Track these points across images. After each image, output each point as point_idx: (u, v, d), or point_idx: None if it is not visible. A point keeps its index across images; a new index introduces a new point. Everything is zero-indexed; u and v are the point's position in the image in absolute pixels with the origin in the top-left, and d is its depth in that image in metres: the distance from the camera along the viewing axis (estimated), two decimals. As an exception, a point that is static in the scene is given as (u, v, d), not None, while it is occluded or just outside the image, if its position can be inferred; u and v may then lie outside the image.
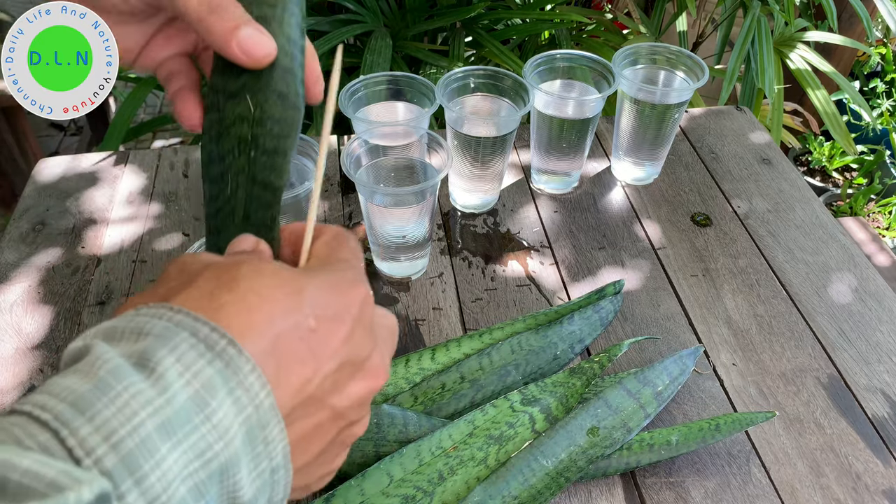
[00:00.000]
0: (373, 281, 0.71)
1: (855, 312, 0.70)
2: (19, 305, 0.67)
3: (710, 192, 0.84)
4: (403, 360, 0.61)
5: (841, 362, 0.65)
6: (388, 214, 0.65)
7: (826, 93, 1.32)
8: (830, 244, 0.77)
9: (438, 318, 0.67)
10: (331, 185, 0.83)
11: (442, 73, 1.16)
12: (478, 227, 0.78)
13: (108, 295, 0.69)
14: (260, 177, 0.38)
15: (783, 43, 1.36)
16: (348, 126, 1.30)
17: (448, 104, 0.70)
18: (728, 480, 0.55)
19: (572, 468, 0.53)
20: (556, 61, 0.78)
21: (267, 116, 0.37)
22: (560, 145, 0.77)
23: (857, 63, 1.96)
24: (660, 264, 0.74)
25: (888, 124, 1.91)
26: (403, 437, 0.53)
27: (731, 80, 1.24)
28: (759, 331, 0.67)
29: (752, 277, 0.73)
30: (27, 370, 0.62)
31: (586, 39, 1.43)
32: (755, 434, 0.59)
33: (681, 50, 0.78)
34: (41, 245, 0.74)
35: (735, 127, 0.95)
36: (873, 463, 0.57)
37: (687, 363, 0.60)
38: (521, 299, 0.70)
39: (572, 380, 0.59)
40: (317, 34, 1.17)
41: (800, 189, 0.85)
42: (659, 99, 0.77)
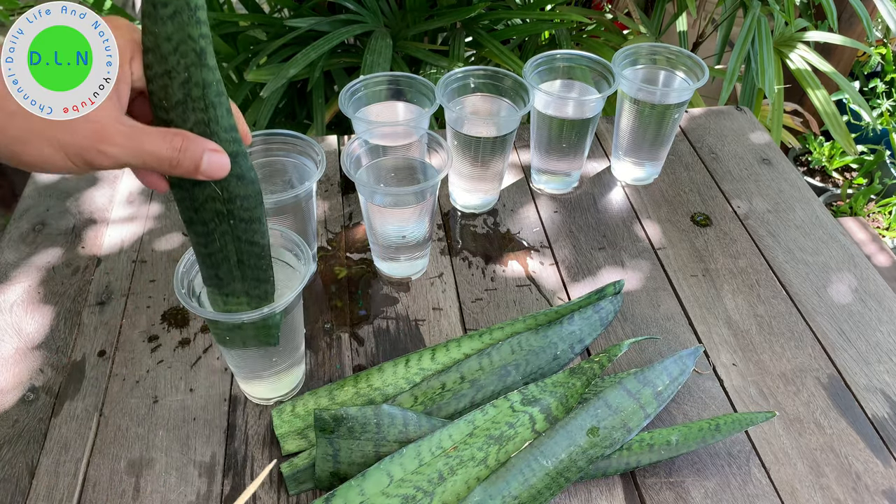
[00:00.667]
0: (373, 281, 0.71)
1: (855, 312, 0.70)
2: (19, 305, 0.67)
3: (710, 192, 0.84)
4: (403, 360, 0.61)
5: (841, 362, 0.65)
6: (388, 214, 0.65)
7: (826, 93, 1.32)
8: (830, 244, 0.77)
9: (438, 318, 0.67)
10: (331, 185, 0.83)
11: (442, 73, 1.16)
12: (478, 227, 0.78)
13: (108, 295, 0.69)
14: (244, 237, 0.46)
15: (783, 43, 1.36)
16: (348, 126, 1.30)
17: (448, 104, 0.70)
18: (728, 480, 0.55)
19: (572, 468, 0.53)
20: (556, 61, 0.78)
21: (234, 195, 0.44)
22: (560, 145, 0.77)
23: (857, 63, 1.96)
24: (660, 264, 0.74)
25: (888, 124, 1.91)
26: (403, 437, 0.53)
27: (731, 80, 1.24)
28: (759, 331, 0.67)
29: (752, 277, 0.73)
30: (27, 370, 0.62)
31: (586, 39, 1.43)
32: (755, 434, 0.59)
33: (681, 50, 0.78)
34: (41, 245, 0.74)
35: (735, 127, 0.95)
36: (873, 463, 0.57)
37: (687, 363, 0.60)
38: (521, 299, 0.70)
39: (572, 380, 0.59)
40: (317, 34, 1.17)
41: (800, 189, 0.85)
42: (659, 99, 0.77)
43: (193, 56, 0.39)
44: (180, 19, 0.38)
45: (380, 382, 0.60)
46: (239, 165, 0.43)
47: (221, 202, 0.44)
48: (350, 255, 0.74)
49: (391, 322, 0.67)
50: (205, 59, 0.39)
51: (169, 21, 0.38)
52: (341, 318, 0.67)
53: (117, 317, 0.67)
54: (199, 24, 0.38)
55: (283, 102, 1.32)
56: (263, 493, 0.54)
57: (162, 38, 0.38)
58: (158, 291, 0.69)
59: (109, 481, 0.54)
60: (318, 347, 0.64)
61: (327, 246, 0.75)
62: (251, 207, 0.45)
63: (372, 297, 0.69)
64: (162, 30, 0.38)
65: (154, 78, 0.40)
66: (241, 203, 0.44)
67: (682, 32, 1.41)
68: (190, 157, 0.40)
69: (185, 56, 0.39)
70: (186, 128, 0.41)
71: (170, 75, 0.39)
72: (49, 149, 0.38)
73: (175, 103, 0.40)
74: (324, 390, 0.59)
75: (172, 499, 0.53)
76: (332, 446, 0.52)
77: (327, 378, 0.62)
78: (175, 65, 0.39)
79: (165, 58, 0.39)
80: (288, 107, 1.34)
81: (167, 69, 0.39)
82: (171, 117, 0.41)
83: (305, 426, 0.57)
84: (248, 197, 0.44)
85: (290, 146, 0.65)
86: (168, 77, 0.39)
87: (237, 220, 0.45)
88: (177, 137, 0.40)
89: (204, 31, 0.39)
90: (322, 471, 0.53)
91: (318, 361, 0.63)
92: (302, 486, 0.54)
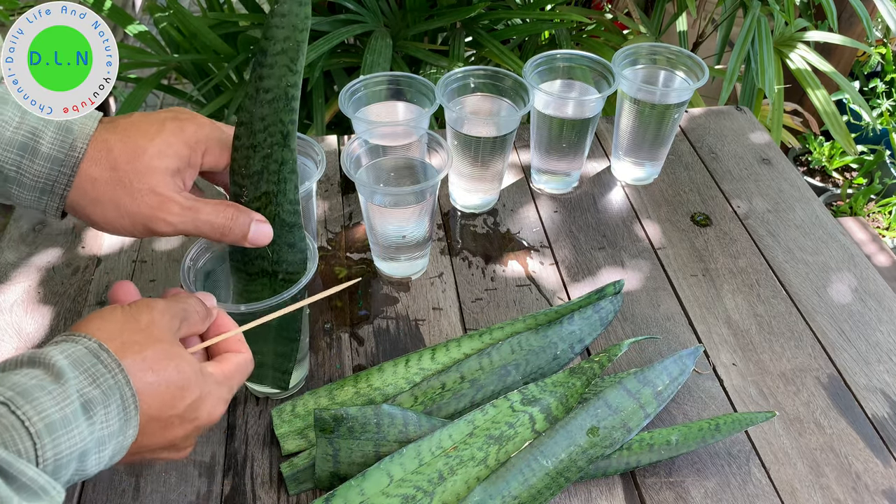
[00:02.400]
0: (373, 281, 0.71)
1: (855, 312, 0.70)
2: (19, 305, 0.67)
3: (709, 192, 0.84)
4: (403, 360, 0.61)
5: (841, 362, 0.65)
6: (388, 214, 0.65)
7: (826, 93, 1.32)
8: (830, 244, 0.77)
9: (438, 318, 0.68)
10: (331, 185, 0.83)
11: (442, 73, 1.16)
12: (478, 227, 0.78)
13: (108, 295, 0.69)
14: (280, 292, 0.50)
15: (783, 43, 1.36)
16: (348, 126, 1.30)
17: (448, 104, 0.70)
18: (728, 480, 0.55)
19: (572, 468, 0.53)
20: (556, 61, 0.78)
21: (282, 260, 0.49)
22: (560, 145, 0.77)
23: (857, 63, 1.96)
24: (660, 264, 0.74)
25: (888, 124, 1.91)
26: (403, 437, 0.53)
27: (731, 80, 1.24)
28: (759, 331, 0.67)
29: (752, 277, 0.73)
30: (27, 370, 0.62)
31: (586, 39, 1.43)
32: (755, 434, 0.59)
33: (681, 50, 0.78)
34: (41, 245, 0.74)
35: (735, 127, 0.95)
36: (873, 463, 0.57)
37: (687, 363, 0.60)
38: (521, 299, 0.70)
39: (572, 380, 0.59)
40: (317, 34, 1.17)
41: (800, 189, 0.85)
42: (659, 99, 0.77)
43: (279, 137, 0.44)
44: (276, 105, 0.43)
45: (380, 382, 0.60)
46: (293, 235, 0.49)
47: (269, 263, 0.49)
48: (350, 255, 0.74)
49: (391, 322, 0.67)
50: (289, 140, 0.45)
51: (267, 105, 0.43)
52: (341, 318, 0.67)
53: (117, 317, 0.67)
54: (291, 111, 0.44)
55: (283, 102, 1.31)
56: (263, 493, 0.54)
57: (256, 118, 0.44)
58: (158, 291, 0.69)
59: (109, 481, 0.54)
60: (318, 347, 0.64)
61: (327, 246, 0.75)
62: (294, 272, 0.50)
63: (372, 297, 0.69)
64: (258, 111, 0.44)
65: (240, 148, 0.45)
66: (287, 267, 0.50)
67: (682, 32, 1.41)
68: (239, 226, 0.46)
69: (272, 135, 0.44)
70: (257, 195, 0.47)
71: (255, 148, 0.45)
72: (114, 213, 0.44)
73: (252, 172, 0.46)
74: (324, 390, 0.59)
75: (172, 499, 0.53)
76: (332, 446, 0.52)
77: (327, 378, 0.62)
78: (262, 141, 0.44)
79: (255, 134, 0.44)
80: (288, 107, 1.33)
81: (253, 143, 0.45)
82: (246, 183, 0.46)
83: (305, 426, 0.57)
84: (295, 263, 0.50)
85: (291, 146, 0.65)
86: (252, 150, 0.45)
87: (279, 279, 0.50)
88: (229, 209, 0.46)
89: (293, 118, 0.44)
90: (322, 471, 0.53)
91: (318, 361, 0.63)
92: (302, 486, 0.54)
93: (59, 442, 0.32)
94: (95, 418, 0.34)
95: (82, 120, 0.44)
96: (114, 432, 0.35)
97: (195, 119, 0.47)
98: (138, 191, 0.43)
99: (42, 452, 0.31)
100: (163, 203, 0.44)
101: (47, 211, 0.45)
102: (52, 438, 0.32)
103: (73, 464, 0.33)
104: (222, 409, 0.42)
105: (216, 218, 0.45)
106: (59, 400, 0.33)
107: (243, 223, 0.46)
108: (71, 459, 0.33)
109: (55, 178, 0.43)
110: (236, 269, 0.51)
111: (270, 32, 0.42)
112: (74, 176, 0.43)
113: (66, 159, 0.43)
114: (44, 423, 0.32)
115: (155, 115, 0.46)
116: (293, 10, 0.41)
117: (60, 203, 0.44)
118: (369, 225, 0.67)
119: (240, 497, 0.53)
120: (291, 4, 0.41)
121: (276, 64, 0.42)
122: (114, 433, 0.35)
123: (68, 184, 0.43)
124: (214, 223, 0.45)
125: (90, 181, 0.43)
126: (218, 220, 0.45)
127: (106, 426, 0.35)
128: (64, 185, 0.43)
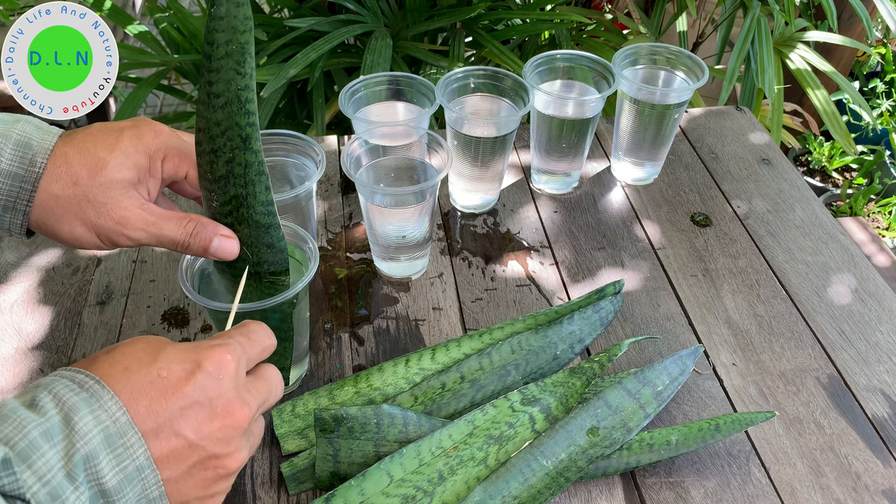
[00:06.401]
0: (373, 281, 0.71)
1: (855, 312, 0.70)
2: (19, 305, 0.67)
3: (709, 193, 0.84)
4: (403, 360, 0.61)
5: (841, 362, 0.65)
6: (388, 214, 0.65)
7: (826, 93, 1.32)
8: (830, 244, 0.77)
9: (438, 318, 0.68)
10: (331, 186, 0.83)
11: (442, 73, 1.16)
12: (478, 227, 0.78)
13: (108, 295, 0.69)
14: (267, 292, 0.51)
15: (783, 43, 1.36)
16: (348, 126, 1.30)
17: (448, 104, 0.70)
18: (728, 480, 0.55)
19: (572, 468, 0.53)
20: (556, 61, 0.78)
21: (263, 260, 0.49)
22: (560, 145, 0.77)
23: (857, 63, 1.96)
24: (659, 264, 0.74)
25: (888, 124, 1.91)
26: (403, 437, 0.53)
27: (731, 80, 1.24)
28: (759, 331, 0.67)
29: (752, 277, 0.73)
30: (27, 370, 0.62)
31: (586, 39, 1.43)
32: (755, 434, 0.59)
33: (681, 50, 0.78)
34: (41, 245, 0.74)
35: (735, 127, 0.95)
36: (873, 463, 0.57)
37: (687, 363, 0.60)
38: (521, 299, 0.70)
39: (572, 380, 0.59)
40: (317, 34, 1.17)
41: (800, 189, 0.85)
42: (659, 99, 0.77)
43: (238, 140, 0.43)
44: (230, 109, 0.42)
45: (380, 382, 0.60)
46: (270, 236, 0.48)
47: (251, 265, 0.49)
48: (350, 255, 0.74)
49: (391, 322, 0.67)
50: (249, 143, 0.44)
51: (220, 110, 0.42)
52: (341, 318, 0.67)
53: (117, 317, 0.67)
54: (248, 114, 0.43)
55: (283, 102, 1.32)
56: (264, 494, 0.54)
57: (212, 123, 0.43)
58: (158, 291, 0.69)
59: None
60: (318, 347, 0.64)
61: (327, 246, 0.75)
62: (277, 272, 0.50)
63: (372, 297, 0.69)
64: (213, 116, 0.43)
65: (202, 153, 0.45)
66: (268, 267, 0.50)
67: (682, 32, 1.41)
68: (200, 241, 0.46)
69: (231, 139, 0.43)
70: (226, 199, 0.46)
71: (216, 153, 0.44)
72: (81, 229, 0.44)
73: (218, 177, 0.45)
74: (324, 390, 0.59)
75: (172, 499, 0.53)
76: (332, 446, 0.52)
77: (327, 378, 0.62)
78: (221, 146, 0.44)
79: (213, 139, 0.43)
80: (288, 107, 1.34)
81: (214, 148, 0.44)
82: (214, 188, 0.46)
83: (305, 426, 0.57)
84: (275, 262, 0.50)
85: (290, 146, 0.65)
86: (214, 155, 0.44)
87: (263, 280, 0.51)
88: (191, 223, 0.46)
89: (251, 120, 0.43)
90: (322, 471, 0.53)
91: (318, 361, 0.63)
92: (302, 486, 0.54)
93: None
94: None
95: (41, 135, 0.44)
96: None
97: (153, 127, 0.47)
98: (102, 205, 0.44)
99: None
100: (125, 218, 0.45)
101: (12, 229, 0.45)
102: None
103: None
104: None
105: (176, 234, 0.46)
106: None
107: (204, 238, 0.46)
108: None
109: (17, 194, 0.43)
110: (221, 270, 0.51)
111: (211, 37, 0.41)
112: (36, 191, 0.43)
113: (26, 175, 0.43)
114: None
115: (114, 125, 0.46)
116: (231, 11, 0.40)
117: (24, 220, 0.44)
118: (369, 225, 0.67)
119: (240, 497, 0.53)
120: (229, 6, 0.40)
121: (222, 68, 0.41)
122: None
123: (30, 200, 0.43)
124: (175, 239, 0.46)
125: (53, 199, 0.44)
126: (178, 235, 0.46)
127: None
128: (26, 201, 0.43)
